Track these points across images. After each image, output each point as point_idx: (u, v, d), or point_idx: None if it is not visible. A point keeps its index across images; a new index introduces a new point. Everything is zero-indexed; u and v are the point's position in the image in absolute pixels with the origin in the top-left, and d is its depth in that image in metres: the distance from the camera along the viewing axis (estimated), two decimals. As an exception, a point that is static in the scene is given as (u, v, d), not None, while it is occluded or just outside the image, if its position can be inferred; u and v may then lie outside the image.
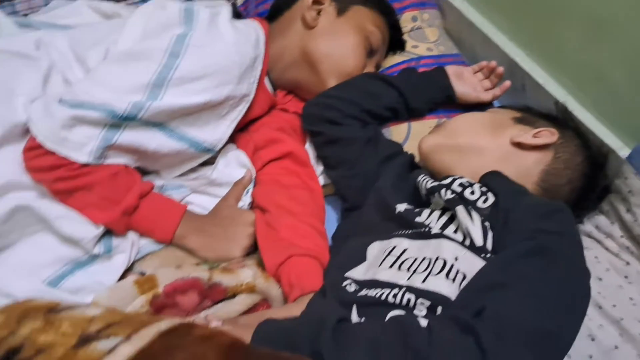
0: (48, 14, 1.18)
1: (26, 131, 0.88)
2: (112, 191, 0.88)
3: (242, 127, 1.05)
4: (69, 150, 0.84)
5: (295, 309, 0.80)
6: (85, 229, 0.87)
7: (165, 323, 0.63)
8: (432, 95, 1.06)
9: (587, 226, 1.00)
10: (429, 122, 1.07)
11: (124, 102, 0.84)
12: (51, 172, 0.85)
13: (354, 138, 0.99)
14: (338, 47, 1.06)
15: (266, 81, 1.07)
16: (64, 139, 0.84)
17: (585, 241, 0.97)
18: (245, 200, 1.00)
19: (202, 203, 1.00)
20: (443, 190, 0.81)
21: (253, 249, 0.96)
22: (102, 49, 0.94)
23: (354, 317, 0.73)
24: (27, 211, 0.85)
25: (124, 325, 0.62)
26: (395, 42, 1.18)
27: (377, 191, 0.91)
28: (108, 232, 0.90)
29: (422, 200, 0.87)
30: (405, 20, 1.25)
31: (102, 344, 0.59)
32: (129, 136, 0.87)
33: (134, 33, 0.92)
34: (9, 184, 0.85)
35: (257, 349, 0.62)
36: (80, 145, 0.84)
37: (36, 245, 0.87)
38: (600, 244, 0.97)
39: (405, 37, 1.22)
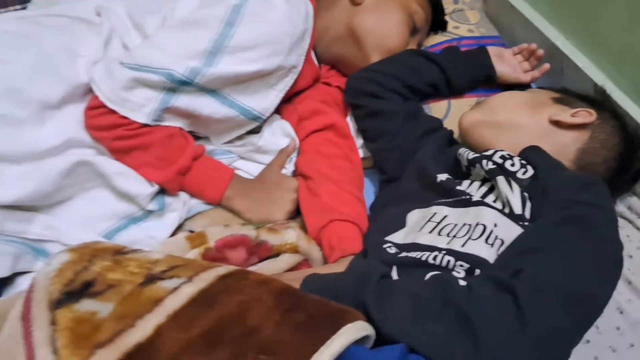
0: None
1: (87, 91, 0.93)
2: (168, 152, 0.93)
3: (287, 99, 1.09)
4: (128, 110, 0.89)
5: (336, 269, 0.84)
6: (141, 187, 0.92)
7: (223, 268, 0.68)
8: (473, 74, 1.09)
9: (620, 207, 1.03)
10: (469, 100, 1.10)
11: (182, 67, 0.89)
12: (111, 130, 0.91)
13: (395, 111, 1.03)
14: (382, 24, 1.10)
15: (312, 55, 1.11)
16: (125, 100, 0.89)
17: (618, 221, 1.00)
18: (289, 168, 1.05)
19: (247, 169, 1.05)
20: (484, 161, 0.84)
21: (295, 214, 1.01)
22: (160, 17, 0.98)
23: (394, 277, 0.77)
24: (87, 166, 0.91)
25: (185, 268, 0.67)
26: (437, 22, 1.21)
27: (417, 162, 0.95)
28: (161, 191, 0.96)
29: (461, 172, 0.91)
30: (447, 2, 1.28)
31: (167, 283, 0.64)
32: (184, 100, 0.92)
33: (191, 1, 0.97)
34: (70, 141, 0.91)
35: (307, 294, 0.66)
36: (139, 107, 0.90)
37: (94, 199, 0.93)
38: (632, 224, 1.00)
39: (447, 18, 1.24)
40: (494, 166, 0.84)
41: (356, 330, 0.62)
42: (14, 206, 0.86)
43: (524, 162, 0.86)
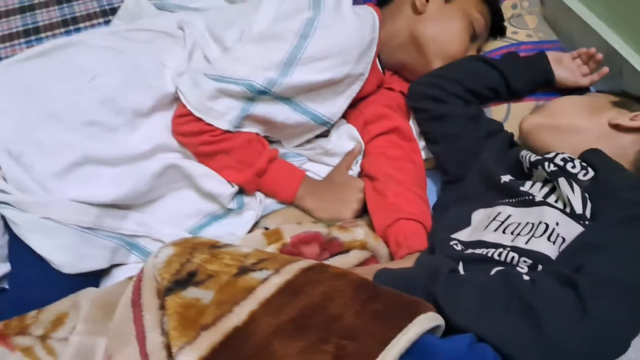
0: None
1: (174, 100, 1.03)
2: (247, 155, 1.02)
3: (353, 104, 1.16)
4: (213, 118, 0.98)
5: (403, 265, 0.90)
6: (223, 187, 1.01)
7: (304, 262, 0.75)
8: (533, 78, 1.13)
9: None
10: (528, 104, 1.15)
11: (261, 77, 0.97)
12: (197, 136, 1.00)
13: (457, 115, 1.08)
14: (444, 32, 1.15)
15: (377, 62, 1.17)
16: (209, 109, 0.98)
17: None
18: (355, 170, 1.12)
19: (316, 170, 1.12)
20: (546, 163, 0.89)
21: (361, 213, 1.07)
22: (238, 30, 1.06)
23: (461, 272, 0.82)
24: (176, 169, 1.00)
25: (272, 261, 0.74)
26: (497, 28, 1.25)
27: (481, 163, 1.00)
28: (240, 191, 1.04)
29: (523, 173, 0.95)
30: (506, 7, 1.32)
31: (257, 274, 0.72)
32: (262, 108, 1.00)
33: (267, 16, 1.04)
34: (160, 146, 1.01)
35: (382, 287, 0.73)
36: (223, 115, 0.98)
37: (181, 199, 1.02)
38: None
39: (506, 23, 1.28)
40: (556, 168, 0.89)
41: (428, 320, 0.68)
42: (111, 205, 0.96)
43: (584, 164, 0.90)
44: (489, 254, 0.82)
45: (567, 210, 0.84)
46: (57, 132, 0.94)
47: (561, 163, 0.89)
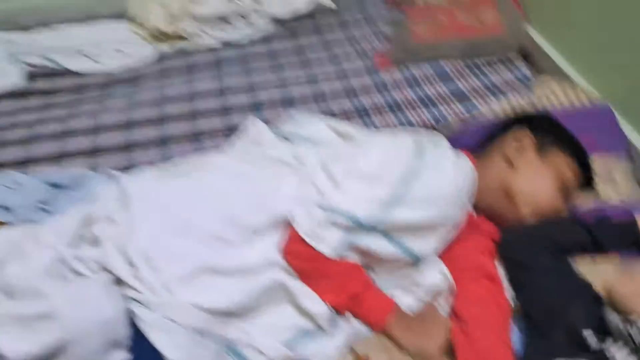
0: (294, 125, 1.50)
1: (284, 222, 1.16)
2: (345, 281, 1.12)
3: (445, 242, 1.25)
4: (320, 245, 1.10)
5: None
6: (320, 307, 1.11)
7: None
8: (623, 243, 1.20)
9: None
10: (612, 257, 1.20)
11: (365, 213, 1.10)
12: (304, 259, 1.12)
13: (544, 268, 1.15)
14: (536, 187, 1.24)
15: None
16: (318, 236, 1.10)
17: None
18: (444, 307, 1.19)
19: (404, 300, 1.20)
20: (628, 326, 0.93)
21: (446, 352, 1.12)
22: (345, 166, 1.19)
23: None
24: (281, 286, 1.12)
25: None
26: (586, 182, 1.33)
27: (565, 315, 1.05)
28: (335, 313, 1.13)
29: (607, 330, 1.00)
30: (597, 164, 1.39)
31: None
32: (363, 240, 1.11)
33: (374, 157, 1.19)
34: (269, 263, 1.13)
35: None
36: (329, 243, 1.10)
37: (280, 313, 1.12)
38: None
39: (596, 179, 1.35)
40: (637, 331, 0.93)
41: None
42: (220, 311, 1.08)
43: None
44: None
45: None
46: (185, 243, 1.09)
47: (645, 329, 0.93)
